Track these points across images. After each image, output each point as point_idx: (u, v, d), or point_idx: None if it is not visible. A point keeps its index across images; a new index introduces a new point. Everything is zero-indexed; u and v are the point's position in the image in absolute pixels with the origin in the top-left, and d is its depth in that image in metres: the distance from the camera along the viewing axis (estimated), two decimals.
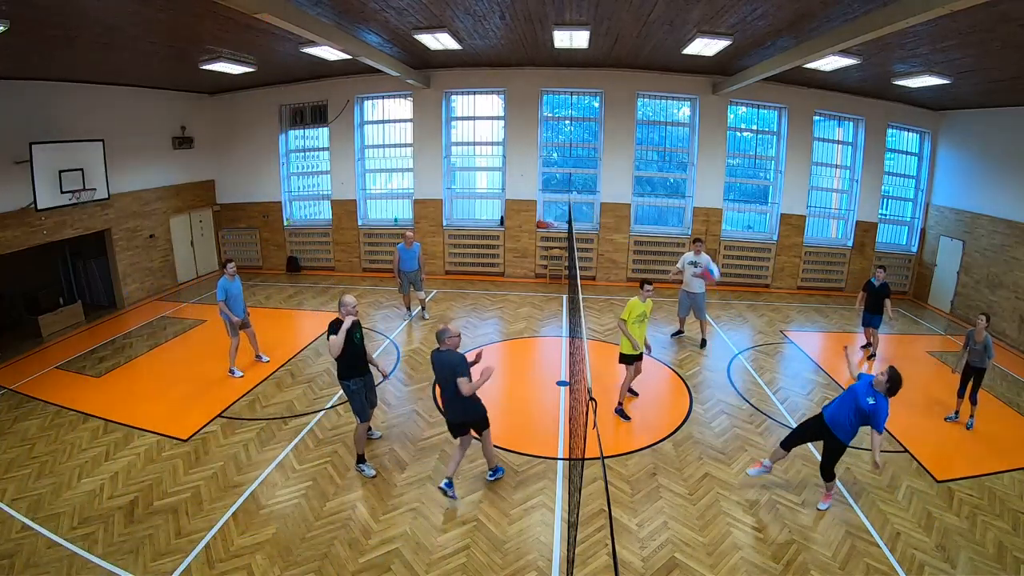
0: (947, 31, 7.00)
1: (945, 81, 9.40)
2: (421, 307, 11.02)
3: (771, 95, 12.61)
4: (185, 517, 5.18)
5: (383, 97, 13.82)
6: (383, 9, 7.64)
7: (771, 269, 13.55)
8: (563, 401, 7.47)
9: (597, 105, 13.21)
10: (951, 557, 4.86)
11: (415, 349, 9.34)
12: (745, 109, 13.40)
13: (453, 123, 13.78)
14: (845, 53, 8.22)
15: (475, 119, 13.80)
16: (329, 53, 9.60)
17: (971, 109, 11.83)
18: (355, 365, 5.72)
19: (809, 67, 9.42)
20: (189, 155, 13.45)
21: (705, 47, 9.24)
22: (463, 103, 13.72)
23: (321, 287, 13.16)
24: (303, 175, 14.65)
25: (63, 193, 9.48)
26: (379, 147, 14.25)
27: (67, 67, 9.25)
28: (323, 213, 14.64)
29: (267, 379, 8.16)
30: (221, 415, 7.08)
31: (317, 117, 13.94)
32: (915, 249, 13.60)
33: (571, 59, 11.84)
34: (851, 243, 13.45)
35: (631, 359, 7.05)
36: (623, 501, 5.51)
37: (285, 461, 6.11)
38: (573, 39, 9.44)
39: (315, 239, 14.59)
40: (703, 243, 9.86)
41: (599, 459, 4.44)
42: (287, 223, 14.61)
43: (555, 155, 14.00)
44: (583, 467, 4.34)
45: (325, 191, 14.40)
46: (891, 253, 13.59)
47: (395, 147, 14.16)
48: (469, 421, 5.37)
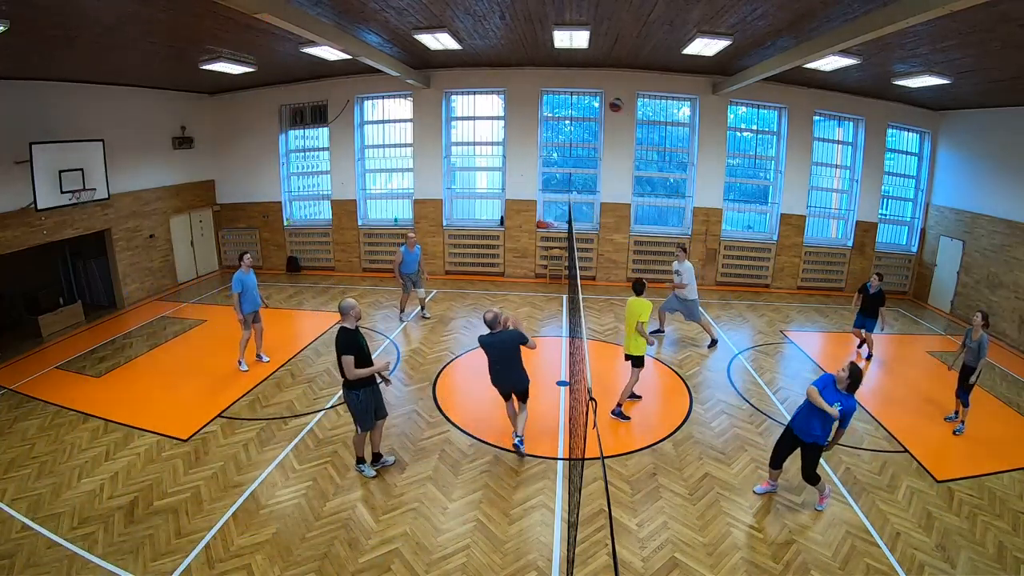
0: (947, 31, 7.00)
1: (945, 81, 9.40)
2: (421, 307, 11.00)
3: (771, 95, 12.61)
4: (185, 517, 5.18)
5: (383, 97, 13.82)
6: (383, 9, 7.65)
7: (771, 269, 13.55)
8: (563, 401, 7.48)
9: (597, 105, 13.21)
10: (951, 557, 4.87)
11: (415, 349, 9.34)
12: (745, 109, 13.40)
13: (453, 123, 13.78)
14: (845, 53, 8.22)
15: (475, 119, 13.79)
16: (329, 53, 9.59)
17: (971, 109, 11.83)
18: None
19: (809, 67, 9.42)
20: (189, 155, 13.45)
21: (705, 47, 9.24)
22: (463, 103, 13.72)
23: (321, 287, 13.15)
24: (303, 175, 14.65)
25: (63, 193, 9.48)
26: (379, 147, 14.24)
27: (67, 67, 9.25)
28: (323, 213, 14.65)
29: (267, 379, 8.16)
30: (221, 415, 7.08)
31: (317, 117, 13.94)
32: (915, 249, 13.60)
33: (571, 59, 11.84)
34: (851, 243, 13.46)
35: (642, 360, 7.05)
36: (623, 501, 5.51)
37: (285, 461, 6.11)
38: (573, 39, 9.44)
39: (315, 239, 14.59)
40: (685, 251, 9.71)
41: (599, 459, 4.45)
42: (287, 223, 14.61)
43: (555, 155, 14.00)
44: (583, 467, 4.34)
45: (325, 191, 14.40)
46: (891, 253, 13.60)
47: (395, 147, 14.16)
48: (520, 389, 6.17)
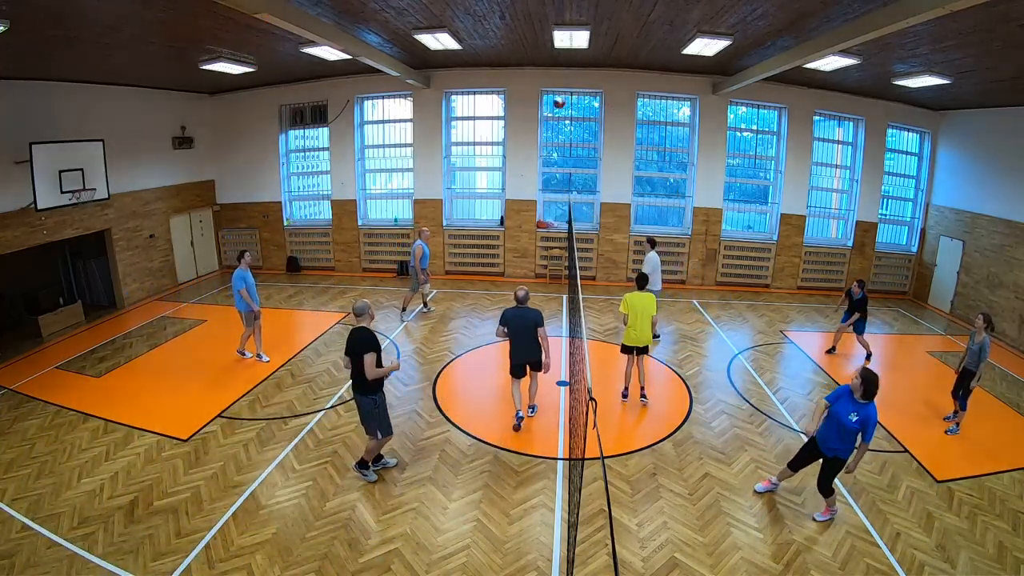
0: (947, 31, 7.00)
1: (945, 81, 9.40)
2: (424, 303, 11.19)
3: (771, 95, 12.61)
4: (185, 517, 5.18)
5: (383, 97, 13.81)
6: (383, 9, 7.65)
7: (771, 269, 13.55)
8: (563, 401, 7.48)
9: (597, 105, 13.21)
10: (951, 557, 4.86)
11: (416, 349, 9.35)
12: (745, 109, 13.40)
13: (453, 123, 13.77)
14: (845, 53, 8.22)
15: (475, 119, 13.80)
16: (329, 53, 9.60)
17: (971, 109, 11.83)
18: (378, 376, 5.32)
19: (809, 67, 9.42)
20: (189, 155, 13.45)
21: (705, 47, 9.24)
22: (463, 103, 13.72)
23: (321, 287, 13.15)
24: (303, 175, 14.65)
25: (63, 193, 9.48)
26: (379, 147, 14.24)
27: (67, 67, 9.25)
28: (323, 213, 14.65)
29: (267, 379, 8.16)
30: (221, 415, 7.08)
31: (317, 117, 13.94)
32: (915, 249, 13.59)
33: (571, 59, 11.83)
34: (851, 243, 13.45)
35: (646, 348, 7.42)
36: (623, 501, 5.51)
37: (285, 461, 6.11)
38: (573, 39, 9.45)
39: (315, 239, 14.59)
40: (653, 244, 10.00)
41: (599, 459, 4.45)
42: (287, 223, 14.61)
43: (555, 155, 13.99)
44: (583, 467, 4.34)
45: (325, 191, 14.40)
46: (891, 253, 13.61)
47: (395, 147, 14.16)
48: (535, 360, 6.62)
